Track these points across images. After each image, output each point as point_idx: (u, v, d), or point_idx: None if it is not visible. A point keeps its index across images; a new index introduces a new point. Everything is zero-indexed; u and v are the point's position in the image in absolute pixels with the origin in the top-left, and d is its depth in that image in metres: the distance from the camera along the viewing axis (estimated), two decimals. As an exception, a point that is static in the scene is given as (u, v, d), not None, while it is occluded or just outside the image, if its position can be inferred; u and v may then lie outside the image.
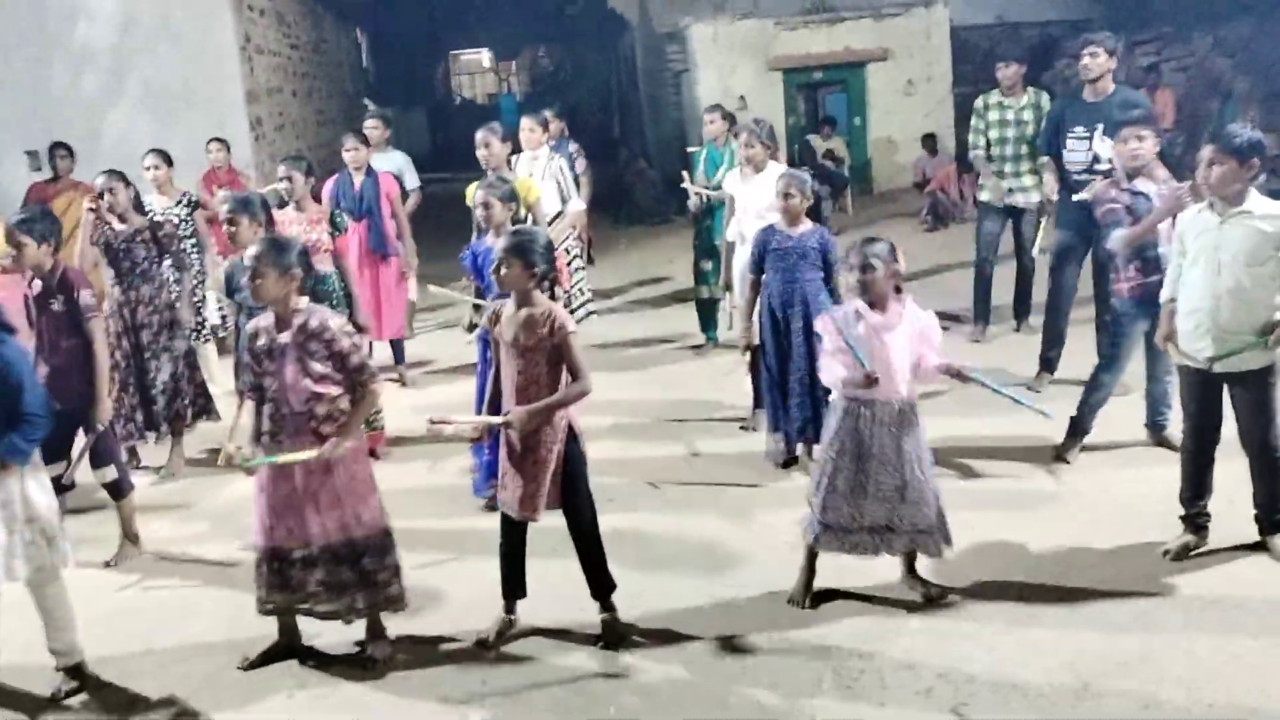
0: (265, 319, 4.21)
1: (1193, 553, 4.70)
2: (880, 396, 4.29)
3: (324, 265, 6.38)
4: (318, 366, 4.09)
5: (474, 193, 6.02)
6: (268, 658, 4.34)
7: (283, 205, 6.60)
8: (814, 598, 4.51)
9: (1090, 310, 7.21)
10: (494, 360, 4.34)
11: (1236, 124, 4.63)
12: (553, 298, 4.24)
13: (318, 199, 7.03)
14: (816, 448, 5.24)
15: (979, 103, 8.29)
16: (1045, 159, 7.39)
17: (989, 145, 8.13)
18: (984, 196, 8.22)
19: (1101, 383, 5.83)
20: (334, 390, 4.13)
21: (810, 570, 4.54)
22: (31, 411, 4.03)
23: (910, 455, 4.34)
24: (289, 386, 4.10)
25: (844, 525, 4.39)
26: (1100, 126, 6.74)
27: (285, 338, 4.12)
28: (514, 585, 4.42)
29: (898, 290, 4.35)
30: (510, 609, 4.45)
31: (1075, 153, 6.90)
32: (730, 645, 4.27)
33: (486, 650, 4.32)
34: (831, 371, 4.34)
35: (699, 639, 4.33)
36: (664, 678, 4.09)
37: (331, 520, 4.14)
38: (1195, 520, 4.75)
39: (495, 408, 4.27)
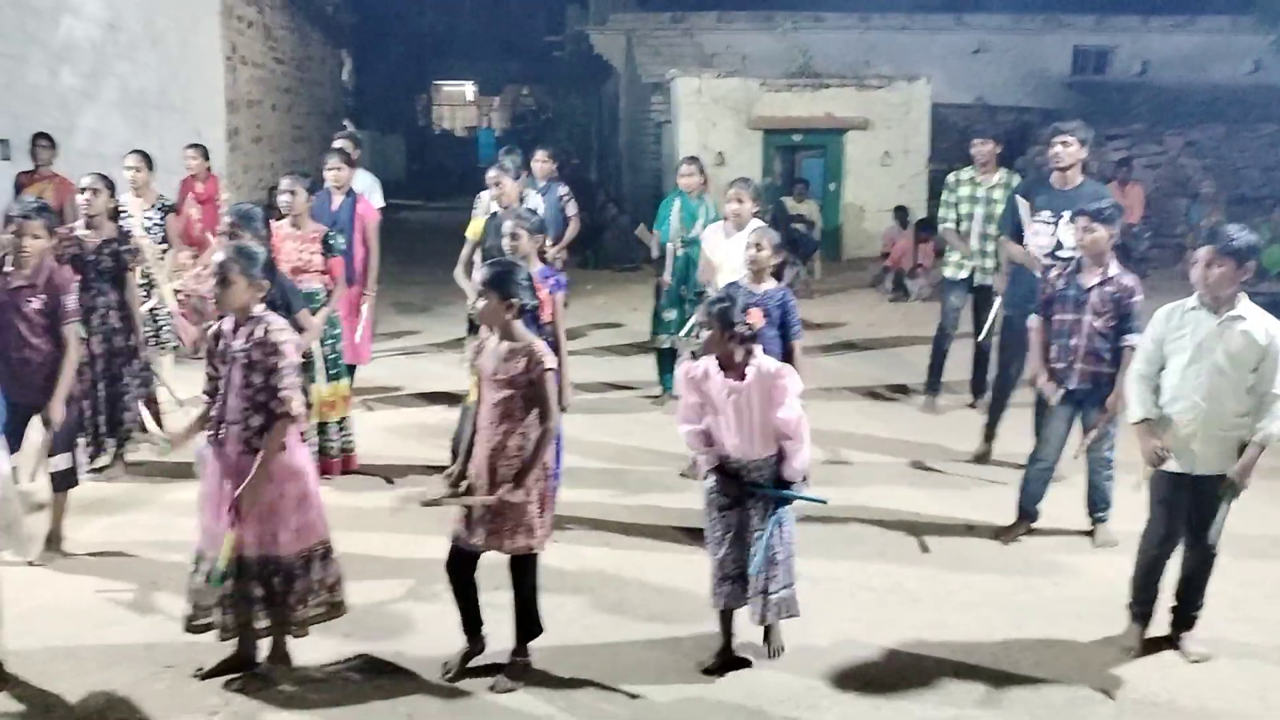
0: (228, 322, 4.21)
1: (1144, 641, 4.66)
2: (735, 455, 4.30)
3: (312, 284, 6.36)
4: (257, 378, 4.08)
5: (479, 226, 6.03)
6: (225, 669, 4.26)
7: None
8: (725, 664, 4.41)
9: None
10: (476, 395, 4.31)
11: (1235, 226, 4.50)
12: None
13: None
14: None
15: (951, 178, 8.34)
16: (1002, 238, 7.41)
17: (958, 221, 8.20)
18: (947, 272, 8.30)
19: (1032, 470, 5.83)
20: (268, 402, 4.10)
21: (725, 634, 4.47)
22: None
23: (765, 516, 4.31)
24: (231, 392, 4.11)
25: (729, 575, 4.37)
26: (1067, 214, 6.77)
27: (237, 344, 4.11)
28: (474, 618, 4.36)
29: (749, 346, 4.25)
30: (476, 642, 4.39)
31: (1039, 236, 6.87)
32: (659, 697, 4.22)
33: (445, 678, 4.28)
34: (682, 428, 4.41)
35: (626, 689, 4.27)
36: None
37: (250, 534, 4.09)
38: (1144, 612, 4.70)
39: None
